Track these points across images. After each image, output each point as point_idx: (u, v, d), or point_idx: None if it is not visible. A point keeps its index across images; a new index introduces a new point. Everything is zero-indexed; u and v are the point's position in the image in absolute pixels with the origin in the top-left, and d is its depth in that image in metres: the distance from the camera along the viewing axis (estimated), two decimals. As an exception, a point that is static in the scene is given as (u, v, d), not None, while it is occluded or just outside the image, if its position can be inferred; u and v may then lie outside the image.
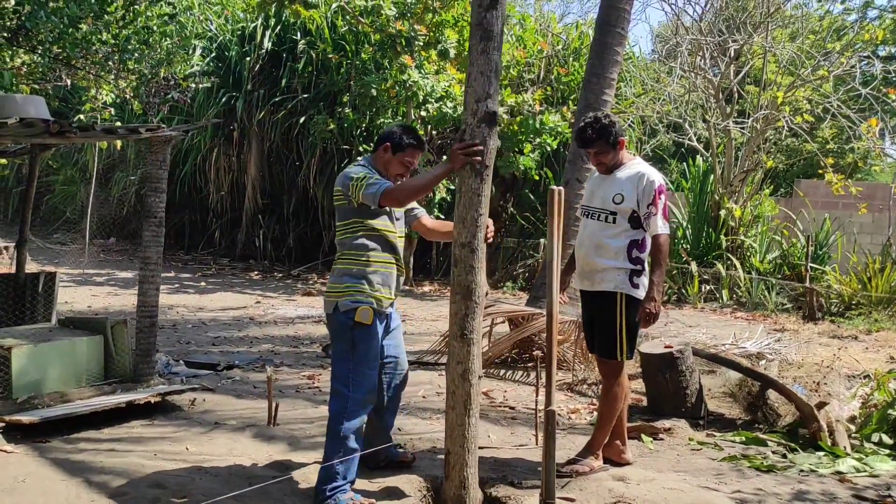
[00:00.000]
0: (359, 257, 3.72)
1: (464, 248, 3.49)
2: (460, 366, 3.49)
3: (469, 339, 3.48)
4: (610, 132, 4.15)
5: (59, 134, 4.77)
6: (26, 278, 6.12)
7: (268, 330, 8.39)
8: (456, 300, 3.50)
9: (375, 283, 3.71)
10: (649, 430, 4.99)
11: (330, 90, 13.28)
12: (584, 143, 4.21)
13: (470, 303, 3.47)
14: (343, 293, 3.68)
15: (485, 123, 3.48)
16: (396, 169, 3.82)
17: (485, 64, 3.46)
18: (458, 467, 3.51)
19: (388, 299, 3.79)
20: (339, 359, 3.71)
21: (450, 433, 3.54)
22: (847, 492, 4.03)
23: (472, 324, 3.48)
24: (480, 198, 3.50)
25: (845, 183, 11.49)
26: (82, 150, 15.76)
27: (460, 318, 3.48)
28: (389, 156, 3.82)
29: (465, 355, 3.48)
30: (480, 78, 3.46)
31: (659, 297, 4.05)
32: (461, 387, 3.50)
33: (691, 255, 12.05)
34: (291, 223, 14.36)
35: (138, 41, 7.98)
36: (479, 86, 3.47)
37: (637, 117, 14.14)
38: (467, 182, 3.50)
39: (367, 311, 3.65)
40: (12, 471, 3.84)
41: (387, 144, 3.83)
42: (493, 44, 3.48)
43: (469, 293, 3.47)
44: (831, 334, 9.06)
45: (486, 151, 3.50)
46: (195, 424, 4.80)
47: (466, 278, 3.47)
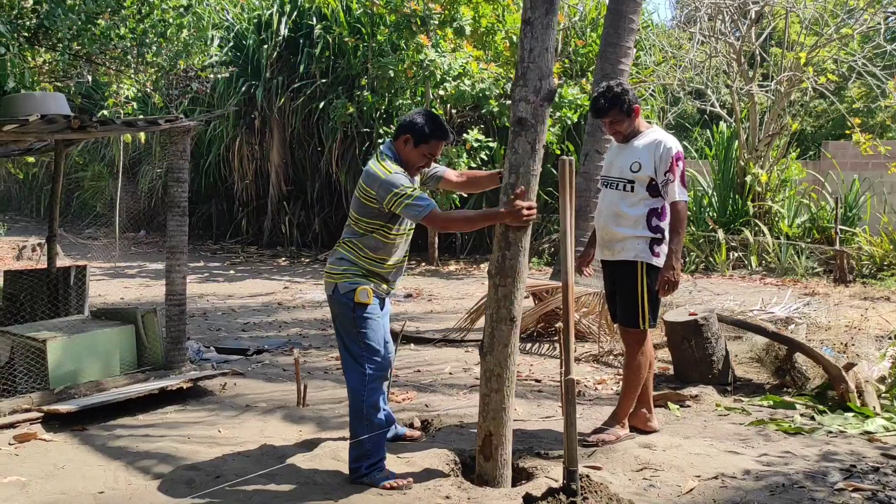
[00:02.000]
0: (364, 254, 3.68)
1: (518, 231, 3.41)
2: (507, 349, 3.44)
3: (516, 322, 3.44)
4: (623, 100, 4.12)
5: (81, 129, 4.86)
6: (58, 272, 6.26)
7: (296, 314, 8.49)
8: (506, 283, 3.42)
9: (378, 277, 3.71)
10: (676, 397, 5.00)
11: (348, 74, 13.30)
12: (598, 112, 4.20)
13: (520, 284, 3.43)
14: (342, 275, 3.66)
15: (546, 101, 3.38)
16: (418, 161, 3.67)
17: (549, 39, 3.32)
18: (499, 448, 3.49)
19: (386, 289, 3.81)
20: (349, 339, 3.69)
21: (494, 416, 3.49)
22: (876, 451, 4.01)
23: (519, 306, 3.44)
24: (535, 179, 3.44)
25: (874, 143, 11.28)
26: (108, 145, 15.99)
27: (509, 301, 3.42)
28: (410, 147, 3.65)
29: (511, 338, 3.43)
30: (545, 54, 3.34)
31: (678, 265, 4.04)
32: (508, 369, 3.45)
33: (718, 223, 11.94)
34: (316, 208, 14.47)
35: (155, 34, 8.05)
36: (542, 62, 3.34)
37: (658, 86, 13.97)
38: (525, 163, 3.40)
39: (366, 291, 3.63)
40: (52, 458, 3.96)
41: (407, 136, 3.65)
42: (554, 18, 3.37)
43: (518, 275, 3.42)
44: (862, 296, 8.95)
45: (543, 130, 3.42)
46: (226, 408, 4.90)
47: (517, 260, 3.41)
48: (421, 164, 3.71)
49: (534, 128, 3.38)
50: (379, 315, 3.72)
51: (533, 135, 3.39)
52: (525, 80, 3.37)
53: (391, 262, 3.72)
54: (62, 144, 6.29)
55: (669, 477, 3.65)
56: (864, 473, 3.69)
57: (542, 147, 3.41)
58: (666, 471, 3.72)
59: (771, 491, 3.47)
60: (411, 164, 3.67)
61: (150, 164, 15.85)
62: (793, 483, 3.56)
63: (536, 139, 3.39)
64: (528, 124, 3.39)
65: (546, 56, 3.33)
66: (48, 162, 14.20)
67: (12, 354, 5.11)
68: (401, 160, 3.66)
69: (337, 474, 3.70)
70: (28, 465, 3.85)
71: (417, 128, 3.63)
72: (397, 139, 3.69)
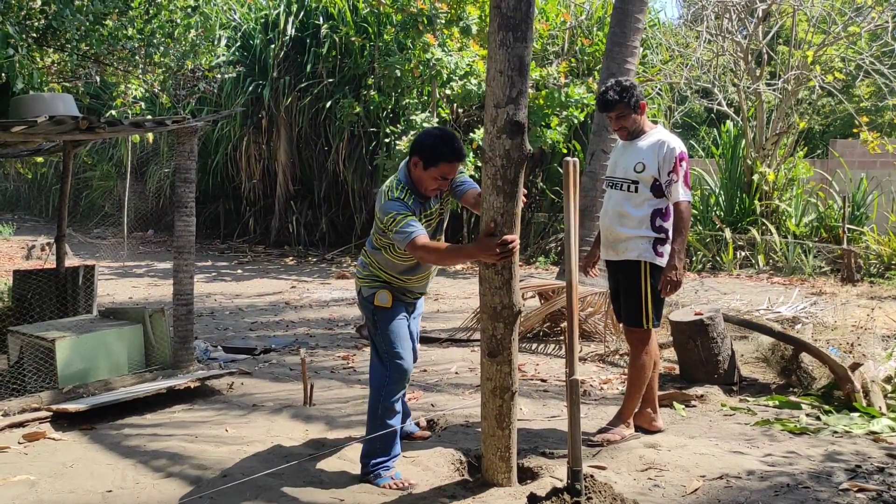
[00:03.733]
0: (379, 266, 3.71)
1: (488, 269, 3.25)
2: (490, 382, 3.31)
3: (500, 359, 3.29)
4: (631, 94, 4.15)
5: (89, 130, 4.89)
6: (67, 272, 6.31)
7: (303, 313, 8.52)
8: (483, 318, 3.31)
9: (397, 288, 3.74)
10: (681, 397, 5.00)
11: (354, 73, 13.33)
12: (605, 105, 4.20)
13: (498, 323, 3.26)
14: (364, 279, 3.76)
15: (506, 135, 2.90)
16: (430, 185, 3.47)
17: (504, 60, 2.85)
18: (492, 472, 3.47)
19: (413, 297, 3.83)
20: (373, 339, 3.79)
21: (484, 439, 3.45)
22: (881, 451, 4.01)
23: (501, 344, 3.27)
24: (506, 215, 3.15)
25: (882, 141, 11.24)
26: (117, 145, 16.06)
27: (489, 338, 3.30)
28: (420, 170, 3.45)
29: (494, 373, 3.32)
30: (500, 78, 2.87)
31: (680, 265, 4.05)
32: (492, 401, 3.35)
33: (725, 222, 11.91)
34: (323, 208, 14.50)
35: (163, 35, 8.09)
36: (497, 88, 2.89)
37: (665, 84, 13.95)
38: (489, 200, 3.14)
39: (385, 295, 3.68)
40: (61, 457, 4.00)
41: (416, 159, 3.45)
42: (517, 34, 2.84)
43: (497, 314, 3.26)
44: (870, 295, 8.92)
45: (511, 165, 3.00)
46: (234, 407, 4.93)
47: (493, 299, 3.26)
48: (434, 187, 3.49)
49: (492, 161, 3.01)
50: (400, 317, 3.73)
51: (492, 169, 3.01)
52: (486, 106, 2.98)
53: (406, 277, 3.71)
54: (71, 145, 6.33)
55: (674, 477, 3.66)
56: (869, 474, 3.69)
57: (509, 182, 3.01)
58: (671, 471, 3.73)
59: (775, 491, 3.48)
60: (424, 188, 3.50)
61: (158, 163, 15.91)
62: (797, 483, 3.56)
63: (497, 174, 3.01)
64: (486, 157, 3.06)
65: (501, 80, 2.85)
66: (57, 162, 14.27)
67: (21, 354, 5.16)
68: (412, 183, 3.52)
69: (344, 474, 3.72)
70: (37, 464, 3.88)
71: (426, 150, 3.43)
72: (409, 162, 3.53)
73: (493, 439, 3.42)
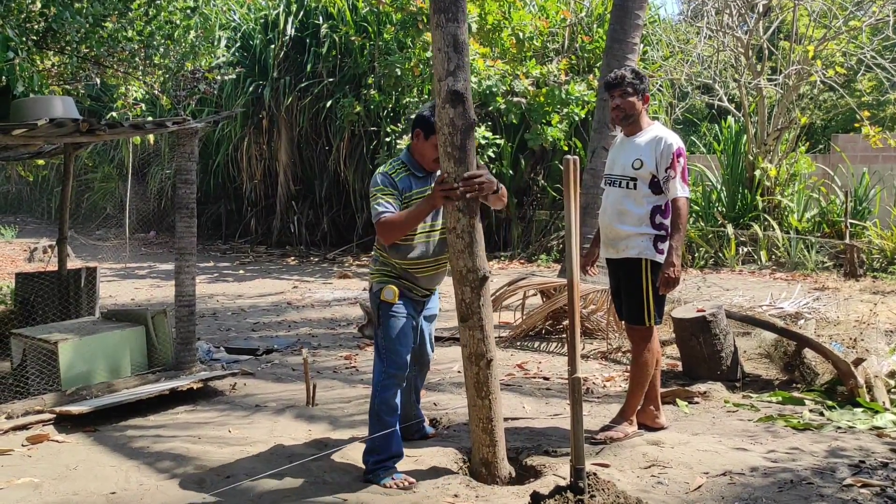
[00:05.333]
0: (387, 258, 3.78)
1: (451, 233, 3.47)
2: (466, 349, 3.49)
3: (470, 324, 3.45)
4: (641, 80, 4.19)
5: (90, 132, 4.89)
6: (69, 274, 6.32)
7: (305, 314, 8.53)
8: (454, 284, 3.51)
9: (406, 279, 3.78)
10: (684, 394, 5.00)
11: (354, 73, 13.33)
12: (613, 80, 4.19)
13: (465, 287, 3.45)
14: (374, 274, 3.84)
15: (448, 104, 3.33)
16: (431, 153, 3.66)
17: (441, 39, 3.32)
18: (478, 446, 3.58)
19: (421, 292, 3.85)
20: (377, 335, 3.82)
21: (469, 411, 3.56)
22: (885, 447, 4.00)
23: (471, 308, 3.44)
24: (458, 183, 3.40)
25: (884, 135, 11.22)
26: (118, 147, 16.08)
27: (459, 303, 3.49)
28: (422, 141, 3.69)
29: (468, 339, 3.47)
30: (439, 55, 3.33)
31: (678, 262, 4.04)
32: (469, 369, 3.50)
33: (727, 218, 11.90)
34: (325, 207, 14.51)
35: (163, 36, 8.09)
36: (438, 63, 3.34)
37: (666, 81, 13.94)
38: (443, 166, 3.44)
39: (391, 290, 3.72)
40: (64, 459, 4.00)
41: (417, 130, 3.70)
42: (448, 15, 3.29)
43: (462, 278, 3.45)
44: (873, 290, 8.91)
45: (457, 132, 3.36)
46: (237, 408, 4.93)
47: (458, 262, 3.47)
48: (435, 157, 3.66)
49: (441, 131, 3.39)
50: (405, 315, 3.76)
51: (442, 137, 3.40)
52: (433, 82, 3.44)
53: (412, 261, 3.74)
54: (71, 147, 6.34)
55: (678, 474, 3.65)
56: (872, 469, 3.68)
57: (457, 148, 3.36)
58: (674, 468, 3.72)
59: (779, 487, 3.47)
60: (427, 157, 3.71)
61: (159, 165, 15.93)
62: (801, 479, 3.55)
63: (445, 142, 3.38)
64: (437, 127, 3.44)
65: (440, 56, 3.30)
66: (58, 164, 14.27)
67: (24, 356, 5.16)
68: (413, 160, 3.75)
69: (347, 473, 3.72)
70: (41, 466, 3.89)
71: (426, 121, 3.67)
72: (412, 136, 3.78)
73: (475, 409, 3.52)
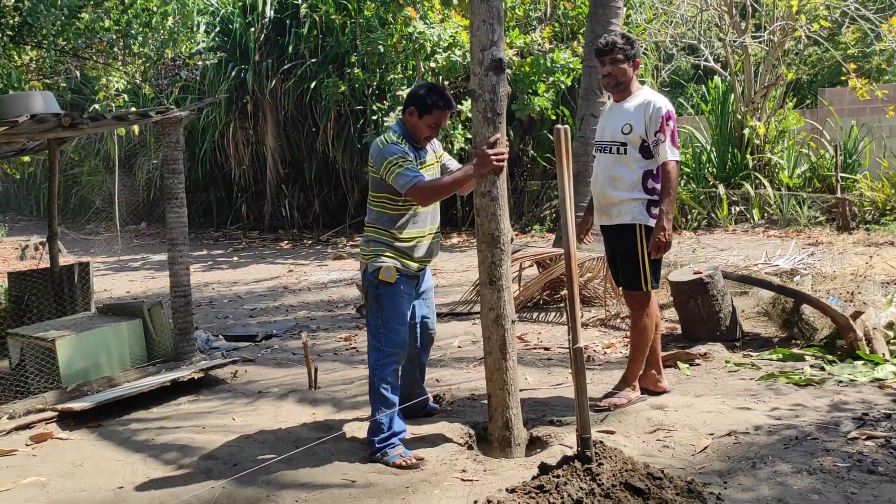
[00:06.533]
0: (384, 232, 3.79)
1: (484, 197, 3.59)
2: (492, 312, 3.60)
3: (499, 286, 3.58)
4: (632, 45, 4.17)
5: (72, 126, 4.83)
6: (62, 271, 6.27)
7: (302, 297, 8.51)
8: (482, 248, 3.61)
9: (401, 253, 3.78)
10: (685, 356, 5.01)
11: (337, 52, 13.17)
12: (605, 45, 4.15)
13: (496, 250, 3.58)
14: (369, 255, 3.81)
15: (492, 71, 3.51)
16: (424, 132, 3.79)
17: (486, 12, 3.48)
18: (501, 409, 3.64)
19: (418, 265, 3.85)
20: (371, 315, 3.83)
21: (489, 377, 3.66)
22: (887, 398, 4.02)
23: (500, 270, 3.58)
24: (497, 146, 3.57)
25: (870, 87, 11.18)
26: (103, 139, 15.93)
27: (488, 266, 3.59)
28: (416, 119, 3.77)
29: (496, 301, 3.59)
30: (483, 27, 3.49)
31: (669, 226, 4.03)
32: (496, 332, 3.61)
33: (718, 178, 11.88)
34: (315, 189, 14.42)
35: (140, 24, 7.97)
36: (482, 34, 3.50)
37: (651, 44, 13.83)
38: (481, 132, 3.57)
39: (390, 270, 3.73)
40: (69, 456, 3.99)
41: (412, 108, 3.78)
42: None
43: (494, 240, 3.58)
44: (866, 242, 8.94)
45: (497, 99, 3.53)
46: (239, 396, 4.93)
47: (490, 226, 3.58)
48: (428, 135, 3.82)
49: (482, 97, 3.53)
50: (403, 295, 3.77)
51: (482, 104, 3.53)
52: (472, 53, 3.55)
53: (408, 234, 3.78)
54: (55, 142, 6.26)
55: (683, 436, 3.67)
56: (876, 421, 3.70)
57: (497, 115, 3.54)
58: (679, 430, 3.74)
59: (784, 444, 3.49)
60: (419, 135, 3.80)
61: (146, 155, 15.79)
62: (805, 435, 3.57)
63: (486, 108, 3.53)
64: (476, 95, 3.56)
65: (484, 28, 3.47)
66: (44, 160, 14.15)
67: (23, 356, 5.14)
68: (408, 133, 3.81)
69: (354, 455, 3.73)
70: (46, 465, 3.88)
71: (421, 99, 3.76)
72: (405, 112, 3.84)
73: (499, 372, 3.61)
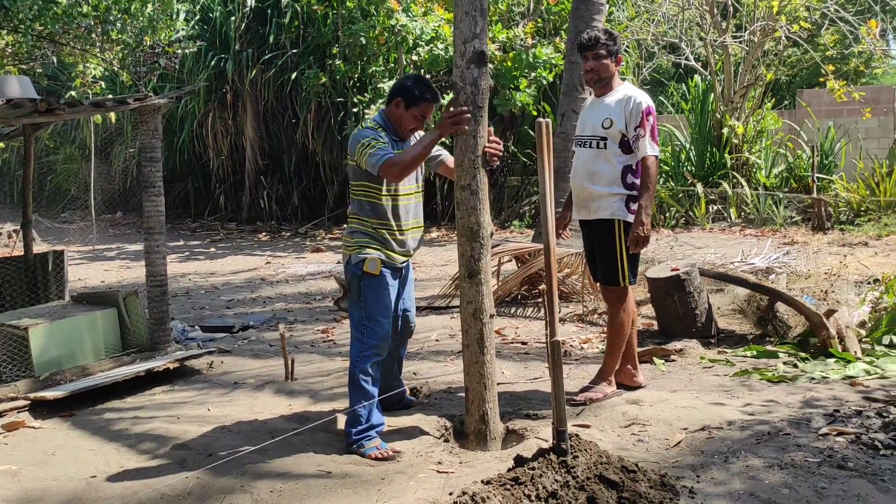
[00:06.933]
0: (365, 222, 3.78)
1: (464, 191, 3.58)
2: (471, 305, 3.60)
3: (478, 279, 3.57)
4: (615, 41, 4.18)
5: (48, 112, 4.76)
6: (36, 259, 6.19)
7: (280, 289, 8.47)
8: (462, 242, 3.59)
9: (386, 244, 3.77)
10: (661, 352, 5.05)
11: (318, 43, 13.11)
12: (588, 41, 4.16)
13: (475, 243, 3.57)
14: (353, 246, 3.79)
15: (474, 64, 3.50)
16: (409, 124, 3.78)
17: (469, 4, 3.48)
18: (478, 403, 3.64)
19: (401, 258, 3.84)
20: (353, 307, 3.83)
21: (467, 371, 3.66)
22: (857, 395, 4.08)
23: (479, 264, 3.57)
24: (477, 140, 3.55)
25: (848, 89, 11.32)
26: (79, 126, 15.73)
27: (467, 260, 3.58)
28: (402, 111, 3.75)
29: (475, 295, 3.58)
30: (466, 18, 3.48)
31: (648, 220, 4.06)
32: (474, 325, 3.60)
33: (696, 177, 11.98)
34: (294, 181, 14.35)
35: (119, 10, 7.89)
36: (465, 26, 3.49)
37: (633, 41, 13.90)
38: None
39: (375, 262, 3.72)
40: (41, 445, 3.95)
41: (398, 99, 3.76)
42: None
43: (474, 234, 3.56)
44: (841, 242, 9.06)
45: (479, 91, 3.53)
46: (215, 386, 4.90)
47: (470, 220, 3.57)
48: (413, 127, 3.81)
49: (463, 90, 3.53)
50: (387, 287, 3.77)
51: (464, 97, 3.53)
52: (455, 45, 3.55)
53: (391, 224, 3.76)
54: (30, 128, 6.16)
55: (657, 431, 3.70)
56: (847, 417, 3.76)
57: (478, 108, 3.53)
58: (654, 425, 3.77)
59: (757, 440, 3.53)
60: (404, 127, 3.79)
61: (122, 143, 15.61)
62: (777, 431, 3.62)
63: (468, 100, 3.53)
64: (457, 87, 3.57)
65: (467, 20, 3.47)
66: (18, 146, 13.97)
67: (-6, 344, 5.06)
68: (389, 124, 3.79)
69: (329, 446, 3.72)
70: (18, 454, 3.83)
71: (409, 90, 3.74)
72: (389, 104, 3.82)
73: (477, 366, 3.61)
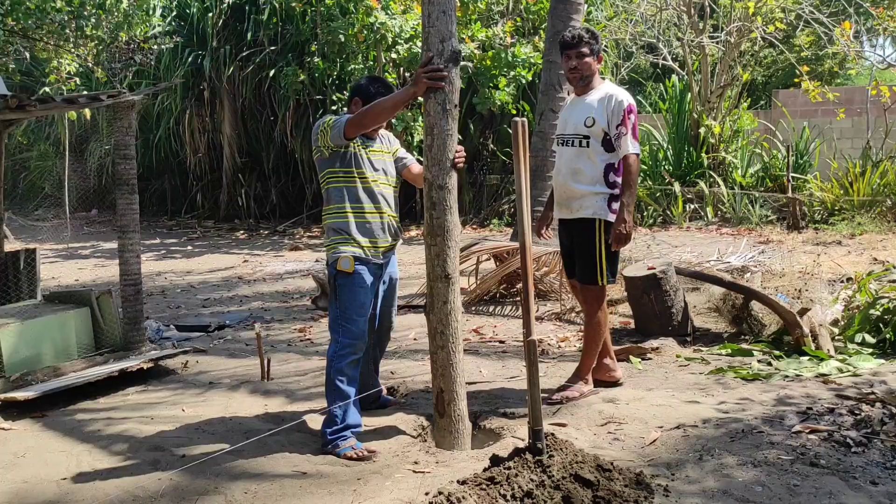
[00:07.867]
0: (337, 210, 3.78)
1: (440, 191, 3.54)
2: (447, 305, 3.55)
3: (453, 279, 3.55)
4: (597, 40, 4.22)
5: (20, 108, 4.69)
6: (7, 257, 6.09)
7: (257, 287, 8.41)
8: (436, 242, 3.54)
9: (356, 234, 3.76)
10: (637, 351, 5.07)
11: (297, 40, 13.03)
12: (571, 39, 4.19)
13: (451, 242, 3.54)
14: (330, 245, 3.79)
15: (451, 63, 3.50)
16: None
17: (446, 2, 3.47)
18: (451, 403, 3.59)
19: (378, 247, 3.81)
20: (331, 306, 3.83)
21: (442, 371, 3.59)
22: (830, 393, 4.12)
23: (454, 263, 3.55)
24: (451, 139, 3.52)
25: (823, 90, 11.44)
26: (53, 123, 15.52)
27: (443, 260, 3.53)
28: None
29: (450, 295, 3.54)
30: (443, 17, 3.48)
31: (629, 218, 4.07)
32: (449, 326, 3.55)
33: (674, 176, 12.06)
34: (272, 179, 14.27)
35: (93, 6, 7.79)
36: (441, 25, 3.48)
37: (611, 41, 13.96)
38: (439, 124, 3.53)
39: (347, 260, 3.71)
40: (11, 447, 3.88)
41: (356, 99, 3.86)
42: None
43: (449, 233, 3.53)
44: (815, 241, 9.16)
45: (453, 90, 3.52)
46: (190, 386, 4.85)
47: (445, 218, 3.53)
48: (374, 127, 3.83)
49: (441, 89, 3.51)
50: (363, 285, 3.75)
51: (442, 95, 3.51)
52: (428, 44, 3.51)
53: (369, 206, 3.76)
54: (2, 125, 6.06)
55: (633, 429, 3.72)
56: (819, 415, 3.79)
57: (454, 107, 3.53)
58: (629, 423, 3.78)
59: (731, 437, 3.55)
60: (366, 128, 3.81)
61: (97, 140, 15.43)
62: (751, 428, 3.64)
63: (446, 100, 3.51)
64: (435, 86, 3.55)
65: (444, 19, 3.47)
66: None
67: (-36, 344, 4.97)
68: None
69: (305, 447, 3.69)
70: (-13, 456, 3.77)
71: (364, 89, 3.87)
72: (349, 104, 3.94)
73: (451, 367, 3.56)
